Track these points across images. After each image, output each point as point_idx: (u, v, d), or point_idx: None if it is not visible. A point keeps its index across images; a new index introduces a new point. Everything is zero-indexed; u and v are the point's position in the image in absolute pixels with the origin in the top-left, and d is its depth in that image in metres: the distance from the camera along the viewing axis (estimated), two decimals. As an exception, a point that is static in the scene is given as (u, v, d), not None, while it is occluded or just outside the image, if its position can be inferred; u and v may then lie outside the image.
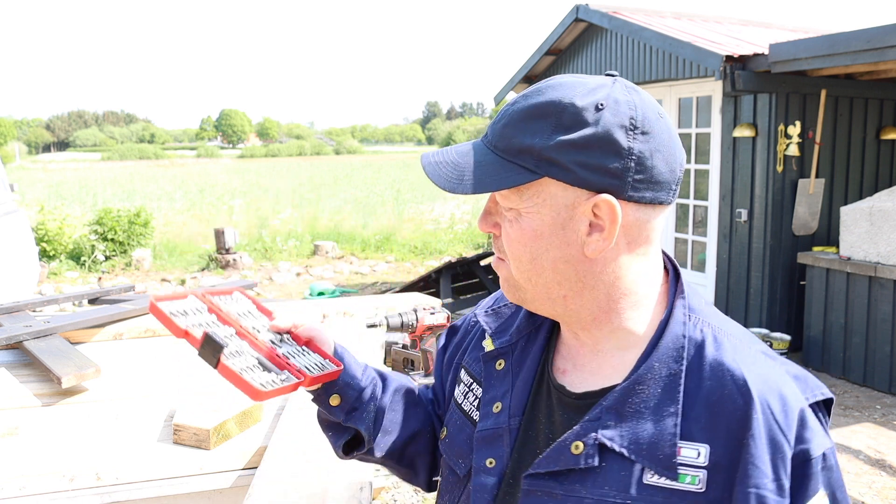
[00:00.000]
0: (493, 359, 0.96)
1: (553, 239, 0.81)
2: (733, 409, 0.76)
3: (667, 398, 0.79)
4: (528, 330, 0.95)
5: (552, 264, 0.82)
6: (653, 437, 0.78)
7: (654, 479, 0.77)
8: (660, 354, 0.81)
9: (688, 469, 0.76)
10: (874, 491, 3.70)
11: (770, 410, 0.76)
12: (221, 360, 0.88)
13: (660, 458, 0.77)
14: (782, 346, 5.52)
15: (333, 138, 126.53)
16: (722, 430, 0.76)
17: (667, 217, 0.91)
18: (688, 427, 0.77)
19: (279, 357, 0.95)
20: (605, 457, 0.79)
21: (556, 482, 0.82)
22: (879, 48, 4.64)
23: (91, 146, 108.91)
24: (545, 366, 0.92)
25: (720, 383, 0.78)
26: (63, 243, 10.35)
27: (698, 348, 0.81)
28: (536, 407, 0.90)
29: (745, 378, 0.77)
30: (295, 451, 1.45)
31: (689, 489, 0.76)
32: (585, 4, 7.37)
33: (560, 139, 0.77)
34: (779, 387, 0.78)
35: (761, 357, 0.81)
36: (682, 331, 0.82)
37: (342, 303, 2.75)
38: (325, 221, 14.12)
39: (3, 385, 1.96)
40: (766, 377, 0.79)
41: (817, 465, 0.77)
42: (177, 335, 0.92)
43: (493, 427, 0.91)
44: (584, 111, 0.77)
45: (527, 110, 0.80)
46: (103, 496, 1.43)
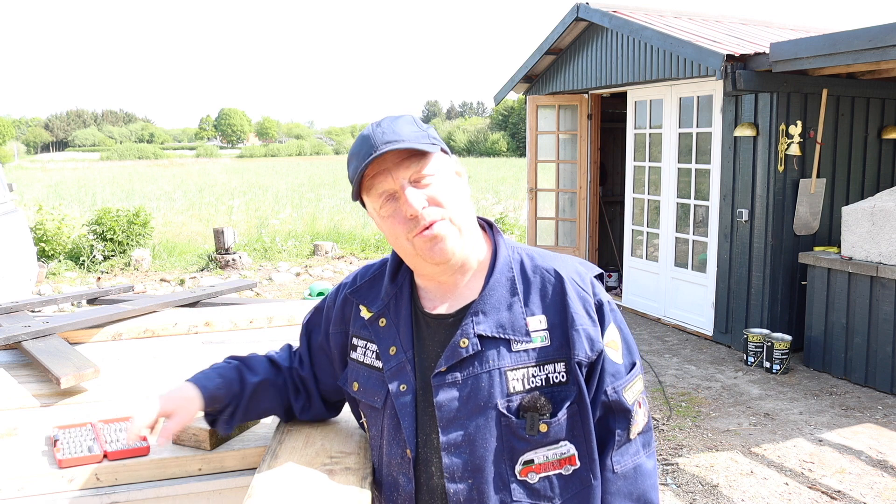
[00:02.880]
0: (375, 320, 1.32)
1: (455, 184, 1.24)
2: (553, 289, 1.24)
3: (510, 294, 1.24)
4: (393, 292, 1.32)
5: (465, 201, 1.25)
6: (510, 319, 1.22)
7: (518, 345, 1.20)
8: (498, 270, 1.25)
9: (537, 333, 1.22)
10: (875, 492, 3.69)
11: (574, 282, 1.26)
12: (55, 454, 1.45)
13: (518, 330, 1.21)
14: (783, 347, 5.51)
15: (333, 138, 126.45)
16: (551, 303, 1.23)
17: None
18: (529, 308, 1.23)
19: (107, 444, 1.50)
20: (484, 342, 1.21)
21: (455, 372, 1.21)
22: (881, 47, 4.63)
23: (90, 146, 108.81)
24: (416, 310, 1.29)
25: (542, 277, 1.25)
26: (62, 243, 10.33)
27: (521, 263, 1.27)
28: (421, 338, 1.27)
29: (555, 268, 1.26)
30: (294, 452, 1.44)
31: (540, 346, 1.21)
32: (586, 3, 7.36)
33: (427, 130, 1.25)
34: (574, 268, 1.29)
35: (557, 257, 1.31)
36: (508, 254, 1.28)
37: (343, 302, 2.74)
38: (324, 221, 14.11)
39: (2, 385, 1.95)
40: (565, 265, 1.28)
41: (607, 308, 1.27)
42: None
43: (395, 363, 1.27)
44: (421, 122, 1.26)
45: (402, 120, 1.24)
46: (102, 497, 1.42)
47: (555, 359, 1.20)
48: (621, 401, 1.24)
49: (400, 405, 1.25)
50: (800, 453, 4.17)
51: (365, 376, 1.33)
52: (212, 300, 2.91)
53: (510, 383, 1.19)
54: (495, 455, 1.19)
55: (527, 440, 1.19)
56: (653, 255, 7.41)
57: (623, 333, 1.29)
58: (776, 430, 4.52)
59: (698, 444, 4.32)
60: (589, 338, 1.22)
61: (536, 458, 1.20)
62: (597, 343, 1.22)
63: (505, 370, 1.19)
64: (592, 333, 1.22)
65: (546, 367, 1.20)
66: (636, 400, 1.27)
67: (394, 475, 1.28)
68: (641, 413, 1.29)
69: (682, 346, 6.38)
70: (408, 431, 1.25)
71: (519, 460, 1.19)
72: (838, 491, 3.71)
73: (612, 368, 1.25)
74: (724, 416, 4.77)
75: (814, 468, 3.97)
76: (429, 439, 1.24)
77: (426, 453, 1.24)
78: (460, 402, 1.20)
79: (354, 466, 1.37)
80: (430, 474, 1.24)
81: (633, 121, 7.52)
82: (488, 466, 1.19)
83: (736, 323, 6.22)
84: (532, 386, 1.19)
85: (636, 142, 7.51)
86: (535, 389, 1.19)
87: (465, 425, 1.20)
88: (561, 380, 1.20)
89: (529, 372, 1.20)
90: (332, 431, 1.53)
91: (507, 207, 16.63)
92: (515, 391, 1.19)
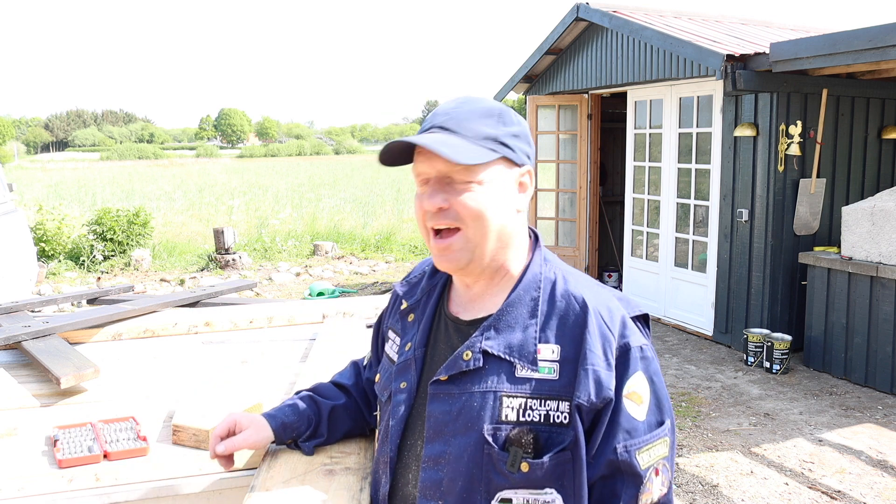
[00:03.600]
0: (406, 314, 1.28)
1: (501, 201, 1.12)
2: (575, 318, 1.10)
3: (529, 316, 1.12)
4: (428, 289, 1.28)
5: (500, 219, 1.12)
6: (521, 342, 1.10)
7: (522, 372, 1.08)
8: (522, 287, 1.14)
9: (546, 363, 1.09)
10: (875, 492, 3.69)
11: (601, 316, 1.11)
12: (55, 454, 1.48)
13: (525, 356, 1.09)
14: (783, 347, 5.51)
15: (333, 138, 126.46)
16: (568, 334, 1.10)
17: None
18: (545, 334, 1.10)
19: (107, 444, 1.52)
20: (488, 360, 1.10)
21: (452, 384, 1.12)
22: (881, 47, 4.63)
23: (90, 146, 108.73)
24: (441, 310, 1.24)
25: (567, 303, 1.12)
26: (62, 243, 10.33)
27: (552, 284, 1.15)
28: (437, 339, 1.21)
29: (583, 297, 1.12)
30: (294, 452, 1.44)
31: (546, 378, 1.08)
32: (586, 3, 7.36)
33: (509, 131, 1.13)
34: (606, 301, 1.14)
35: (595, 285, 1.17)
36: (539, 270, 1.16)
37: (342, 303, 2.74)
38: (324, 221, 14.11)
39: (2, 385, 1.95)
40: (597, 296, 1.14)
41: (636, 353, 1.10)
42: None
43: (404, 360, 1.22)
44: (511, 114, 1.14)
45: (479, 110, 1.13)
46: (102, 497, 1.42)
47: (560, 396, 1.07)
48: (632, 463, 1.08)
49: (395, 402, 1.21)
50: (800, 453, 4.17)
51: (385, 369, 1.29)
52: (212, 300, 2.92)
53: (503, 410, 1.08)
54: (471, 483, 1.08)
55: (506, 476, 1.07)
56: (653, 255, 7.41)
57: (655, 387, 1.12)
58: (776, 430, 4.52)
59: (698, 444, 4.32)
60: (597, 381, 1.07)
61: (515, 498, 1.07)
62: (606, 389, 1.07)
63: (501, 395, 1.08)
64: (604, 377, 1.07)
65: (549, 402, 1.07)
66: (653, 466, 1.10)
67: (378, 473, 1.24)
68: (658, 482, 1.11)
69: (682, 346, 6.38)
70: (393, 432, 1.19)
71: (496, 496, 1.08)
72: (838, 491, 3.71)
73: (629, 424, 1.09)
74: (724, 416, 4.77)
75: (814, 468, 3.97)
76: (414, 444, 1.18)
77: (408, 458, 1.18)
78: (450, 416, 1.11)
79: (354, 466, 1.37)
80: (406, 480, 1.18)
81: (633, 121, 7.52)
82: (462, 493, 1.09)
83: (736, 323, 6.22)
84: (527, 419, 1.07)
85: (636, 142, 7.51)
86: (529, 423, 1.07)
87: (449, 442, 1.11)
88: (562, 420, 1.07)
89: (528, 403, 1.07)
90: (332, 431, 1.53)
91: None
92: (507, 420, 1.07)
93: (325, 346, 2.19)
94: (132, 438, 1.54)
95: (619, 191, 8.84)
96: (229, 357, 2.23)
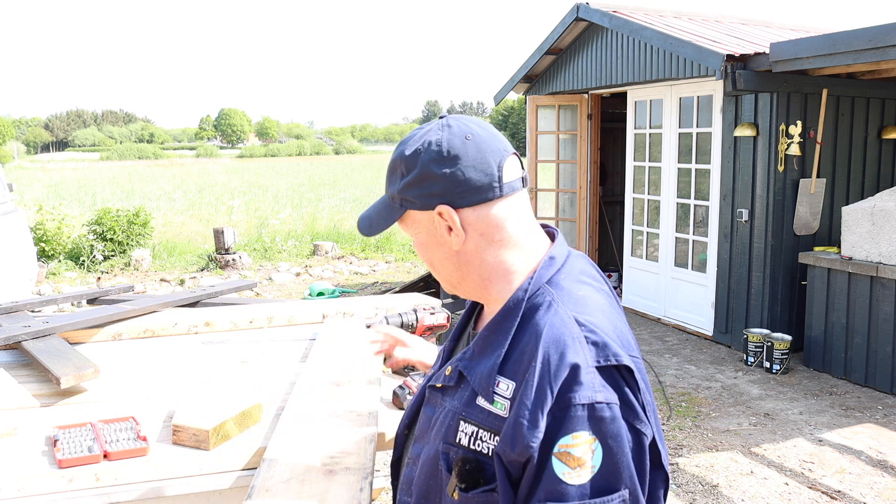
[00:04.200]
0: (452, 326, 1.36)
1: (432, 246, 1.12)
2: (528, 358, 0.99)
3: (500, 343, 1.05)
4: (471, 303, 1.27)
5: (441, 263, 1.13)
6: (484, 371, 1.04)
7: (481, 401, 1.03)
8: (504, 310, 1.07)
9: (500, 398, 1.01)
10: (875, 492, 3.69)
11: (547, 363, 0.97)
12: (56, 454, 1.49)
13: (485, 387, 1.03)
14: (783, 347, 5.51)
15: (333, 138, 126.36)
16: (521, 372, 1.00)
17: (518, 202, 1.10)
18: (508, 367, 1.02)
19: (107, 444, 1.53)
20: (461, 381, 1.08)
21: (439, 393, 1.13)
22: (881, 47, 4.63)
23: (90, 146, 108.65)
24: (467, 327, 1.25)
25: (531, 338, 1.01)
26: (62, 243, 10.33)
27: (534, 311, 1.04)
28: (460, 342, 1.24)
29: (541, 335, 1.00)
30: (294, 452, 1.44)
31: (498, 412, 1.01)
32: (586, 3, 7.36)
33: (403, 183, 1.09)
34: (564, 346, 0.97)
35: (570, 323, 1.00)
36: (523, 296, 1.06)
37: (342, 303, 2.74)
38: (324, 221, 14.11)
39: (2, 385, 1.94)
40: (558, 337, 0.98)
41: (578, 411, 0.94)
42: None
43: (433, 367, 1.26)
44: (410, 159, 1.08)
45: (389, 167, 1.13)
46: (102, 497, 1.42)
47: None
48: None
49: (409, 404, 1.31)
50: (800, 453, 4.17)
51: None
52: (212, 300, 2.91)
53: (458, 433, 1.05)
54: (429, 492, 1.10)
55: (445, 496, 1.05)
56: (653, 255, 7.41)
57: (608, 451, 0.95)
58: (776, 430, 4.52)
59: (698, 444, 4.32)
60: (515, 434, 0.96)
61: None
62: (525, 441, 0.94)
63: (459, 417, 1.06)
64: (525, 427, 0.95)
65: (497, 437, 1.00)
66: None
67: (395, 443, 1.30)
68: None
69: (682, 346, 6.38)
70: (408, 409, 1.25)
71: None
72: (838, 491, 3.71)
73: (555, 486, 0.94)
74: (724, 416, 4.77)
75: (814, 468, 3.97)
76: (409, 442, 1.22)
77: (411, 439, 1.22)
78: (429, 423, 1.13)
79: (354, 466, 1.37)
80: (398, 472, 1.23)
81: (633, 121, 7.52)
82: (421, 497, 1.11)
83: (736, 323, 6.22)
84: (476, 448, 1.03)
85: (636, 142, 7.51)
86: (475, 453, 1.03)
87: (422, 447, 1.13)
88: None
89: (479, 434, 1.03)
90: (332, 433, 1.53)
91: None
92: (459, 443, 1.05)
93: (325, 346, 2.20)
94: (132, 438, 1.54)
95: (619, 191, 8.84)
96: (229, 357, 2.23)
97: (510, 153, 1.09)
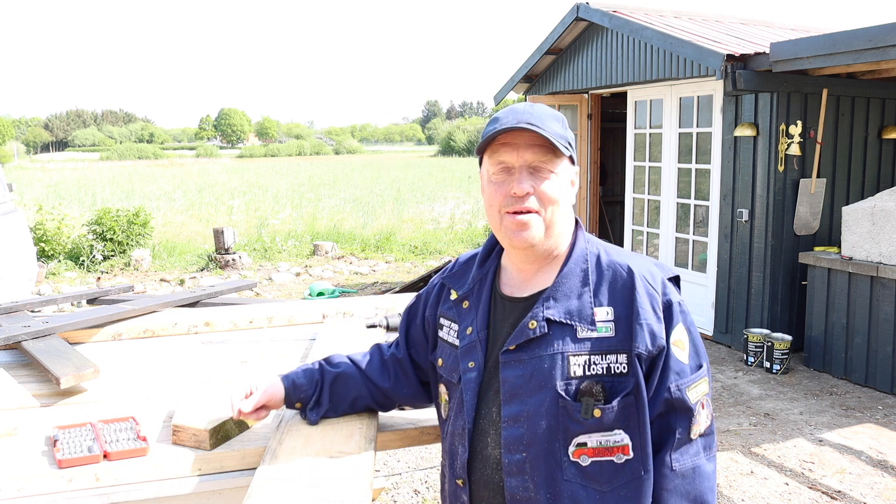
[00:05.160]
0: (460, 302, 1.43)
1: (567, 192, 1.35)
2: (623, 283, 1.30)
3: (582, 285, 1.31)
4: (479, 277, 1.43)
5: (567, 205, 1.35)
6: (578, 308, 1.29)
7: (583, 333, 1.27)
8: (573, 261, 1.33)
9: (602, 323, 1.27)
10: (876, 492, 3.69)
11: (645, 279, 1.31)
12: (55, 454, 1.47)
13: (584, 318, 1.28)
14: (783, 347, 5.50)
15: (333, 138, 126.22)
16: (619, 296, 1.29)
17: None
18: (598, 299, 1.29)
19: (106, 444, 1.52)
20: (551, 327, 1.28)
21: (521, 352, 1.29)
22: (881, 47, 4.63)
23: (90, 146, 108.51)
24: (496, 294, 1.40)
25: (614, 271, 1.32)
26: (61, 243, 10.33)
27: (597, 257, 1.34)
28: (496, 320, 1.37)
29: (628, 265, 1.32)
30: (294, 452, 1.44)
31: (605, 335, 1.27)
32: (586, 3, 7.36)
33: (569, 134, 1.35)
34: (648, 267, 1.35)
35: (633, 255, 1.37)
36: (584, 247, 1.36)
37: (342, 303, 2.74)
38: (324, 221, 14.11)
39: (2, 385, 1.94)
40: (639, 263, 1.34)
41: (677, 308, 1.32)
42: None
43: (468, 342, 1.38)
44: (563, 120, 1.35)
45: (550, 114, 1.32)
46: (102, 497, 1.42)
47: (617, 349, 1.26)
48: (684, 399, 1.28)
49: (466, 381, 1.36)
50: (800, 453, 4.17)
51: (448, 353, 1.44)
52: (212, 300, 2.91)
53: (571, 368, 1.25)
54: (550, 433, 1.26)
55: (581, 423, 1.25)
56: (653, 254, 7.41)
57: (692, 335, 1.33)
58: (776, 430, 4.52)
59: (698, 444, 4.32)
60: (651, 332, 1.26)
61: (590, 441, 1.25)
62: (659, 339, 1.27)
63: (568, 355, 1.26)
64: (656, 329, 1.27)
65: (609, 356, 1.26)
66: (699, 400, 1.31)
67: (455, 444, 1.38)
68: (704, 414, 1.32)
69: (682, 346, 6.37)
70: (468, 405, 1.35)
71: (573, 441, 1.25)
72: (838, 491, 3.71)
73: (678, 367, 1.29)
74: (725, 416, 4.77)
75: (814, 468, 3.97)
76: (489, 412, 1.33)
77: (484, 425, 1.34)
78: (523, 380, 1.28)
79: (354, 466, 1.36)
80: (485, 444, 1.33)
81: (633, 121, 7.52)
82: (543, 443, 1.26)
83: (736, 323, 6.22)
84: (592, 373, 1.25)
85: (636, 142, 7.51)
86: (594, 376, 1.25)
87: (526, 402, 1.27)
88: (622, 370, 1.26)
89: (591, 359, 1.26)
90: (332, 432, 1.53)
91: (507, 207, 16.59)
92: (575, 376, 1.25)
93: (325, 346, 2.19)
94: (132, 438, 1.54)
95: (619, 191, 8.83)
96: (229, 357, 2.23)
97: None
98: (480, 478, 1.34)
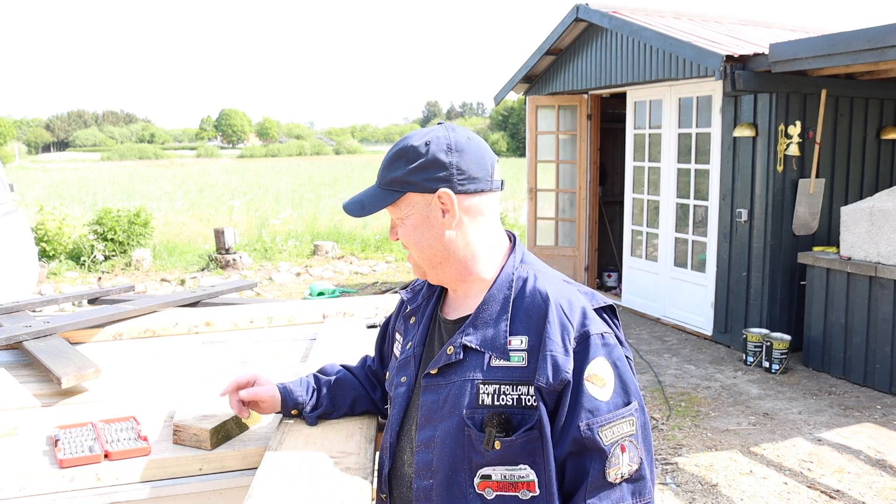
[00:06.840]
0: (409, 318, 1.44)
1: (423, 226, 1.28)
2: (538, 311, 1.23)
3: (502, 312, 1.26)
4: (428, 295, 1.43)
5: (428, 243, 1.29)
6: (493, 335, 1.24)
7: (496, 362, 1.22)
8: (496, 287, 1.29)
9: (515, 352, 1.22)
10: (874, 491, 3.70)
11: (560, 307, 1.24)
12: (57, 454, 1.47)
13: (497, 347, 1.23)
14: (782, 347, 5.51)
15: (333, 138, 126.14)
16: (534, 325, 1.22)
17: (497, 200, 1.33)
18: (515, 328, 1.24)
19: (107, 443, 1.52)
20: (467, 353, 1.25)
21: (440, 376, 1.27)
22: (880, 48, 4.64)
23: (91, 146, 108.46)
24: (437, 313, 1.40)
25: (534, 299, 1.25)
26: (62, 243, 10.34)
27: (524, 282, 1.28)
28: (432, 338, 1.37)
29: (546, 292, 1.25)
30: (294, 451, 1.45)
31: (516, 365, 1.21)
32: (585, 4, 7.37)
33: (409, 168, 1.26)
34: (567, 295, 1.27)
35: (562, 281, 1.31)
36: (512, 271, 1.30)
37: (342, 303, 2.74)
38: (324, 221, 14.11)
39: (3, 385, 1.95)
40: (560, 291, 1.27)
41: (597, 340, 1.22)
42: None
43: (404, 357, 1.39)
44: (418, 148, 1.26)
45: (389, 157, 1.29)
46: (103, 497, 1.43)
47: (528, 381, 1.20)
48: (595, 439, 1.19)
49: (395, 395, 1.37)
50: (799, 453, 4.18)
51: (392, 366, 1.46)
52: (212, 300, 2.92)
53: (480, 396, 1.22)
54: (457, 462, 1.23)
55: (483, 454, 1.21)
56: (652, 255, 7.42)
57: (618, 371, 1.23)
58: (775, 429, 4.53)
59: (697, 444, 4.33)
60: (555, 365, 1.19)
61: (494, 474, 1.22)
62: (563, 373, 1.19)
63: (477, 382, 1.23)
64: (561, 362, 1.19)
65: (520, 387, 1.21)
66: (617, 442, 1.20)
67: (382, 457, 1.40)
68: (625, 458, 1.21)
69: (681, 346, 6.38)
70: (393, 420, 1.37)
71: (478, 473, 1.22)
72: (837, 490, 3.72)
73: (590, 404, 1.20)
74: (724, 415, 4.77)
75: (813, 467, 3.98)
76: (409, 431, 1.34)
77: (404, 443, 1.35)
78: (437, 405, 1.27)
79: (354, 466, 1.37)
80: (402, 461, 1.34)
81: (632, 121, 7.53)
82: (448, 471, 1.24)
83: (735, 323, 6.22)
84: (502, 403, 1.21)
85: (636, 142, 7.52)
86: (503, 407, 1.21)
87: (437, 427, 1.26)
88: (532, 403, 1.20)
89: (501, 388, 1.21)
90: (333, 431, 1.54)
91: (506, 207, 16.63)
92: (483, 404, 1.22)
93: (325, 346, 2.20)
94: (133, 438, 1.55)
95: (619, 191, 8.84)
96: (229, 357, 2.24)
97: (497, 159, 1.32)
98: (399, 495, 1.36)
